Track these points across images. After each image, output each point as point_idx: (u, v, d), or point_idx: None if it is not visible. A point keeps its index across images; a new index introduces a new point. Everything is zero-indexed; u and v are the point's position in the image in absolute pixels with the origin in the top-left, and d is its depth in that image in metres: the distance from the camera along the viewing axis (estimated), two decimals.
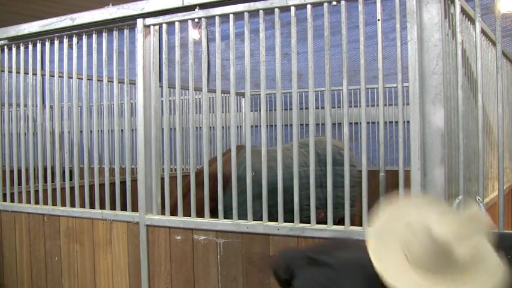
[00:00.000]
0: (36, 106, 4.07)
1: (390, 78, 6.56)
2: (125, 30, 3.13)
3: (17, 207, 3.63)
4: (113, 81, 3.26)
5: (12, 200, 3.72)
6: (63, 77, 3.68)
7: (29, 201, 3.63)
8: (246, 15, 2.70)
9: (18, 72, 3.70)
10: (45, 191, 3.54)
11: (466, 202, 2.25)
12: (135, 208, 3.12)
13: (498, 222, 2.18)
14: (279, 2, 2.59)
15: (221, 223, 2.78)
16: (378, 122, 6.55)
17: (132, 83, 3.51)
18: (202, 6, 2.81)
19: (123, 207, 3.18)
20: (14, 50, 3.70)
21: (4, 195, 3.77)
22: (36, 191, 3.63)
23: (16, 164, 3.73)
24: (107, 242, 3.17)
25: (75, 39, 3.34)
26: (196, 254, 2.86)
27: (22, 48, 3.64)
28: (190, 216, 2.93)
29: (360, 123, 2.38)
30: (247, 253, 2.72)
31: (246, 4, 2.68)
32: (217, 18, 2.78)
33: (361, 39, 2.42)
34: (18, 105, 3.74)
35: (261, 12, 2.65)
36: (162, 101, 3.15)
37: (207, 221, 2.83)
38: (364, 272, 1.41)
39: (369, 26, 2.33)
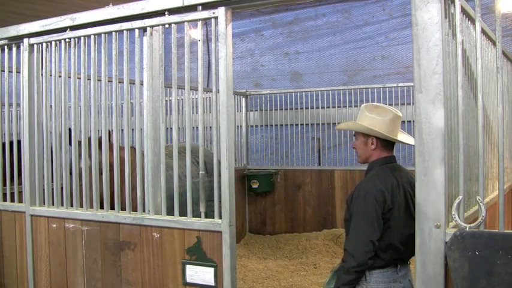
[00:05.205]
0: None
1: (390, 78, 6.59)
2: (124, 31, 3.12)
3: (17, 207, 3.64)
4: (112, 81, 3.26)
5: (12, 200, 3.72)
6: (61, 76, 3.67)
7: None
8: (103, 36, 3.19)
9: (18, 72, 3.70)
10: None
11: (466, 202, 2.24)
12: (134, 207, 3.12)
13: (498, 222, 2.18)
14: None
15: (84, 213, 3.25)
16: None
17: (132, 82, 3.51)
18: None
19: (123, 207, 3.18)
20: (14, 50, 3.70)
21: (4, 195, 3.77)
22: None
23: (16, 164, 3.72)
24: None
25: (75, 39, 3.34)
26: (67, 239, 3.34)
27: (22, 48, 3.64)
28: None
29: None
30: (104, 239, 3.18)
31: (102, 27, 3.19)
32: (82, 39, 3.24)
33: None
34: (18, 105, 3.74)
35: (113, 33, 3.13)
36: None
37: (73, 211, 3.30)
38: None
39: (369, 26, 2.33)
